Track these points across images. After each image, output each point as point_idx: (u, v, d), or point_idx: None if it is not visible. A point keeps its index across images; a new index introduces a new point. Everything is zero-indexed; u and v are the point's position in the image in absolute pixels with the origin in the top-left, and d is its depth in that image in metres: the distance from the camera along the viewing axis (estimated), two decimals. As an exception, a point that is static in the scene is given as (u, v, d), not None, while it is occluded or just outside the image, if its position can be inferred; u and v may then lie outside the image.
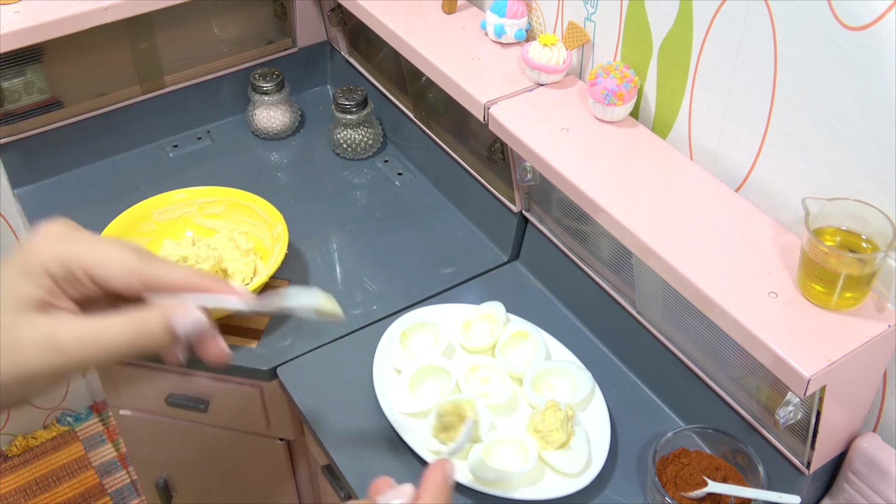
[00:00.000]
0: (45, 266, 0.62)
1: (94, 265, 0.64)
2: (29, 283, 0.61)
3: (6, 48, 1.09)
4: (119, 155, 1.31)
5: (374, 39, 1.27)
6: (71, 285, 0.63)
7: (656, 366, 0.95)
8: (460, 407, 0.82)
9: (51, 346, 0.60)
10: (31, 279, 0.62)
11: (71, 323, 0.61)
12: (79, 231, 0.65)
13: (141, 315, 0.63)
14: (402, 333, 0.97)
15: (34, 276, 0.62)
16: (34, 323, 0.61)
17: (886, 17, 0.66)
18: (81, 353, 0.61)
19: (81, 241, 0.64)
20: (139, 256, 0.65)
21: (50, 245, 0.63)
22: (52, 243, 0.63)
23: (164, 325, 0.63)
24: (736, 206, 0.84)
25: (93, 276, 0.64)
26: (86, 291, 0.64)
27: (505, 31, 1.04)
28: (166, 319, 0.63)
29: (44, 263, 0.62)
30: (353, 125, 1.28)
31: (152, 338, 0.63)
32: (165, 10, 1.20)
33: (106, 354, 0.62)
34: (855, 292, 0.73)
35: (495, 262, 1.13)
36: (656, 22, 0.89)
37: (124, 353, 0.63)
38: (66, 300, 0.63)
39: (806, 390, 0.69)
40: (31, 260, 0.62)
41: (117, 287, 0.65)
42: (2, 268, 0.63)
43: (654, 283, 0.89)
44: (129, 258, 0.65)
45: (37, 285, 0.62)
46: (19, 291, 0.61)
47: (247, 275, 1.07)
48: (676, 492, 0.82)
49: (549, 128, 0.94)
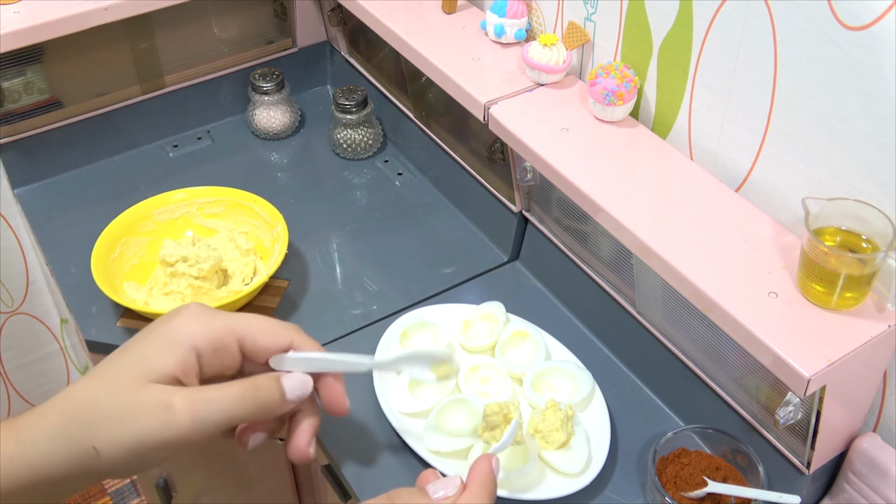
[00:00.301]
0: (194, 340, 0.64)
1: (245, 329, 0.66)
2: (166, 356, 0.63)
3: (6, 48, 1.09)
4: (119, 155, 1.31)
5: (374, 39, 1.27)
6: (217, 356, 0.65)
7: (656, 366, 0.95)
8: (506, 407, 0.83)
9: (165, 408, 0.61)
10: (171, 351, 0.63)
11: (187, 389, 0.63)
12: (218, 310, 0.67)
13: (254, 378, 0.66)
14: (402, 333, 0.97)
15: (176, 346, 0.63)
16: (153, 389, 0.62)
17: (886, 17, 0.66)
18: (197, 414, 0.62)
19: (229, 315, 0.67)
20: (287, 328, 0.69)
21: (197, 320, 0.65)
22: (200, 319, 0.65)
23: (277, 386, 0.66)
24: (736, 206, 0.84)
25: (244, 340, 0.66)
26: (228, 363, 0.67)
27: (505, 31, 1.04)
28: (278, 381, 0.66)
29: (192, 337, 0.64)
30: (353, 125, 1.28)
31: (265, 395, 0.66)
32: (165, 10, 1.20)
33: (220, 416, 0.63)
34: (855, 292, 0.73)
35: (495, 262, 1.13)
36: (656, 22, 0.89)
37: (238, 414, 0.64)
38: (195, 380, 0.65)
39: (806, 390, 0.69)
40: (176, 333, 0.64)
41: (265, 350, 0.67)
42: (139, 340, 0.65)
43: (654, 283, 0.89)
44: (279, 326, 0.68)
45: (173, 358, 0.63)
46: (153, 363, 0.63)
47: (247, 275, 1.07)
48: (676, 492, 0.82)
49: (549, 128, 0.94)
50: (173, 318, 0.65)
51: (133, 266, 1.08)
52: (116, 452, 0.60)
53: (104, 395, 0.61)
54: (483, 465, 0.66)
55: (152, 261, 1.08)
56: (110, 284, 1.01)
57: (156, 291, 1.04)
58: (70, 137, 1.26)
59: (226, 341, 0.65)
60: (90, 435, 0.60)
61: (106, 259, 1.04)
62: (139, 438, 0.60)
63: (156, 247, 1.08)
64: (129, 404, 0.61)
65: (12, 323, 1.50)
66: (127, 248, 1.08)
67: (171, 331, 0.64)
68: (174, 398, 0.61)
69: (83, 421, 0.60)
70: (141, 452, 0.61)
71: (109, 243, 1.06)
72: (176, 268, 1.02)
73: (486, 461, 0.67)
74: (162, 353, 0.63)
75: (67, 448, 0.60)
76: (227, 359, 0.66)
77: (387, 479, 0.86)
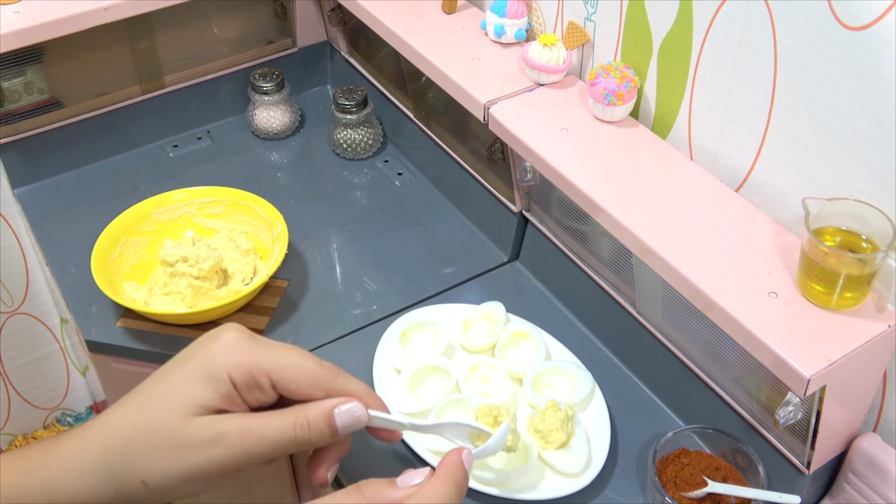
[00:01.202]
0: (230, 373, 0.63)
1: (280, 372, 0.65)
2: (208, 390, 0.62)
3: (6, 48, 1.09)
4: (119, 155, 1.31)
5: (374, 39, 1.27)
6: (251, 393, 0.64)
7: (656, 366, 0.95)
8: (496, 409, 0.81)
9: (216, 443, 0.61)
10: (212, 386, 0.62)
11: (236, 419, 0.62)
12: (255, 338, 0.66)
13: (305, 409, 0.64)
14: (402, 333, 0.97)
15: (216, 382, 0.63)
16: (202, 423, 0.61)
17: (886, 17, 0.66)
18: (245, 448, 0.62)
19: (264, 349, 0.65)
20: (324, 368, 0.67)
21: (233, 353, 0.64)
22: (235, 351, 0.64)
23: (327, 419, 0.65)
24: (736, 206, 0.84)
25: (276, 383, 0.65)
26: (262, 399, 0.65)
27: (505, 31, 1.04)
28: (329, 413, 0.65)
29: (229, 371, 0.63)
30: (353, 125, 1.28)
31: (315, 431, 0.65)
32: (165, 10, 1.20)
33: (270, 447, 0.63)
34: (855, 292, 0.73)
35: (495, 262, 1.13)
36: (656, 22, 0.89)
37: (287, 446, 0.64)
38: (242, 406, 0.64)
39: (806, 390, 0.69)
40: (214, 367, 0.63)
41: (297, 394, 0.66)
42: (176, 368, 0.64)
43: (654, 283, 0.89)
44: (314, 368, 0.66)
45: (215, 392, 0.62)
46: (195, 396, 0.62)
47: (247, 275, 1.07)
48: (676, 492, 0.82)
49: (549, 128, 0.94)
50: (210, 347, 0.64)
51: (133, 266, 1.08)
52: (165, 484, 0.61)
53: (149, 429, 0.61)
54: (452, 455, 0.65)
55: (152, 261, 1.08)
56: (110, 284, 1.01)
57: (156, 291, 1.04)
58: (70, 137, 1.26)
59: (259, 381, 0.64)
60: (138, 469, 0.60)
61: (106, 259, 1.04)
62: (189, 472, 0.60)
63: (156, 247, 1.08)
64: (178, 438, 0.60)
65: (12, 323, 1.50)
66: (127, 248, 1.08)
67: (208, 362, 0.63)
68: (224, 432, 0.61)
69: (130, 454, 0.60)
70: (190, 484, 0.61)
71: (109, 243, 1.06)
72: (176, 268, 1.02)
73: (455, 452, 0.66)
74: (204, 388, 0.62)
75: (113, 479, 0.60)
76: (262, 396, 0.65)
77: (387, 479, 0.86)
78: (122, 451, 0.61)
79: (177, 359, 0.65)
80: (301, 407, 0.65)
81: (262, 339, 0.66)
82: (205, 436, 0.61)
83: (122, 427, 0.62)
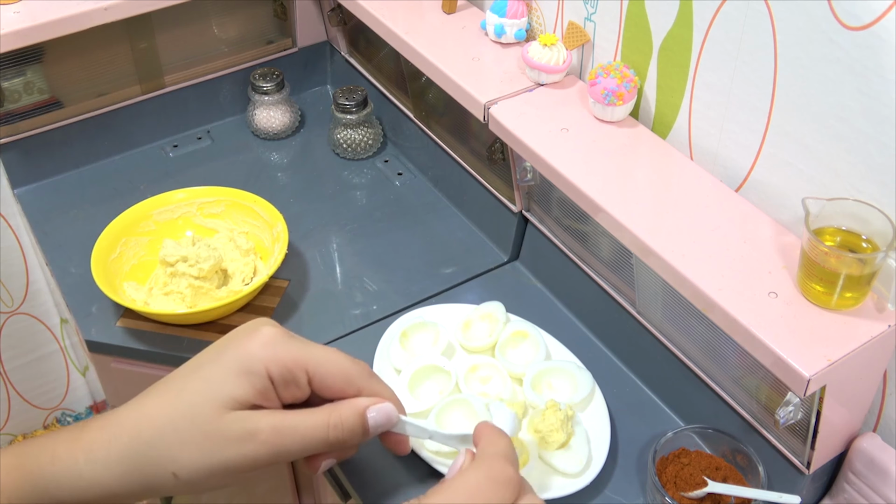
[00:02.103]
0: (268, 368, 0.63)
1: (317, 367, 0.65)
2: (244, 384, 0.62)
3: (6, 48, 1.09)
4: (119, 155, 1.31)
5: (374, 39, 1.27)
6: (287, 388, 0.65)
7: (656, 366, 0.95)
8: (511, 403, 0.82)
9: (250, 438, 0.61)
10: (249, 380, 0.63)
11: (270, 416, 0.63)
12: (291, 335, 0.66)
13: (338, 408, 0.65)
14: (402, 333, 0.97)
15: (253, 377, 0.63)
16: (235, 418, 0.61)
17: (886, 17, 0.66)
18: (278, 445, 0.62)
19: (301, 345, 0.66)
20: (358, 365, 0.68)
21: (271, 348, 0.64)
22: (273, 346, 0.64)
23: (361, 418, 0.66)
24: (736, 206, 0.84)
25: (313, 378, 0.65)
26: (297, 395, 0.66)
27: (505, 31, 1.04)
28: (362, 412, 0.66)
29: (267, 365, 0.63)
30: (353, 125, 1.28)
31: (348, 430, 0.65)
32: (165, 10, 1.20)
33: (302, 445, 0.63)
34: (855, 292, 0.73)
35: (495, 262, 1.13)
36: (656, 22, 0.89)
37: (320, 444, 0.64)
38: (276, 402, 0.65)
39: (806, 390, 0.69)
40: (251, 361, 0.63)
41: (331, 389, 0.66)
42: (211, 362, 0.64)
43: (654, 283, 0.89)
44: (350, 366, 0.67)
45: (252, 387, 0.63)
46: (231, 391, 0.62)
47: (247, 275, 1.07)
48: (676, 492, 0.82)
49: (549, 128, 0.94)
50: (247, 341, 0.64)
51: (133, 266, 1.08)
52: (195, 477, 0.61)
53: (180, 420, 0.61)
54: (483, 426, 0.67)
55: (152, 261, 1.08)
56: (110, 284, 1.01)
57: (156, 291, 1.04)
58: (70, 137, 1.26)
59: (296, 375, 0.64)
60: (167, 461, 0.60)
61: (106, 259, 1.04)
62: (221, 466, 0.61)
63: (156, 247, 1.08)
64: (211, 433, 0.61)
65: (12, 323, 1.50)
66: (127, 248, 1.08)
67: (245, 357, 0.63)
68: (258, 428, 0.61)
69: (161, 446, 0.60)
70: (220, 478, 0.61)
71: (109, 243, 1.06)
72: (176, 268, 1.02)
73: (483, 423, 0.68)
74: (239, 381, 0.62)
75: (142, 470, 0.61)
76: (297, 392, 0.65)
77: (387, 479, 0.86)
78: (152, 442, 0.61)
79: (210, 352, 0.65)
80: (334, 406, 0.65)
81: (298, 337, 0.67)
82: (238, 431, 0.61)
83: (153, 418, 0.62)
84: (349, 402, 0.66)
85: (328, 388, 0.66)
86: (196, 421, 0.61)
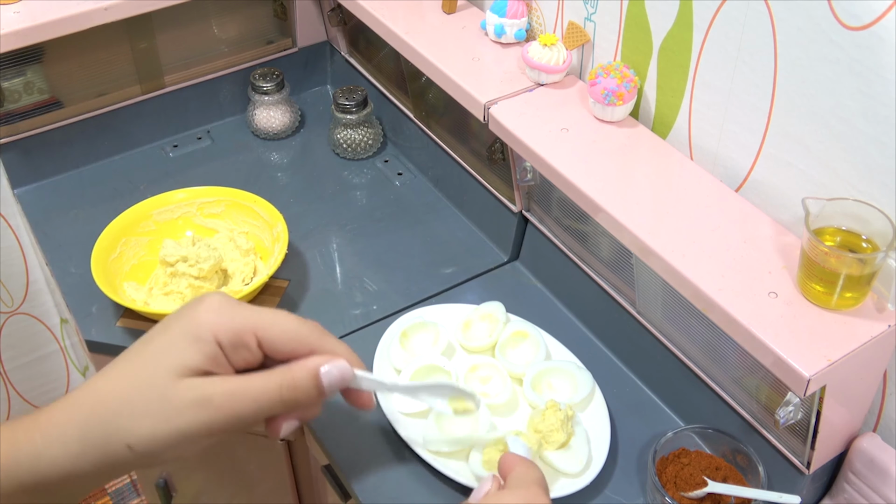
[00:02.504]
0: (216, 334, 0.63)
1: (266, 329, 0.65)
2: (193, 351, 0.62)
3: (6, 48, 1.09)
4: (119, 155, 1.31)
5: (374, 39, 1.27)
6: (237, 352, 0.64)
7: (656, 366, 0.95)
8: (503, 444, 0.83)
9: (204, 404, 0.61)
10: (198, 347, 0.62)
11: (223, 381, 0.62)
12: (238, 301, 0.66)
13: (291, 369, 0.64)
14: (402, 333, 0.97)
15: (202, 343, 0.62)
16: (189, 385, 0.61)
17: (886, 17, 0.66)
18: (233, 409, 0.61)
19: (248, 309, 0.65)
20: (308, 325, 0.67)
21: (217, 314, 0.64)
22: (220, 312, 0.64)
23: (314, 377, 0.65)
24: (736, 206, 0.84)
25: (263, 340, 0.65)
26: (248, 358, 0.65)
27: (505, 31, 1.04)
28: (315, 371, 0.65)
29: (214, 331, 0.63)
30: (353, 125, 1.28)
31: (301, 390, 0.65)
32: (165, 10, 1.20)
33: (256, 409, 0.63)
34: (855, 292, 0.73)
35: (495, 262, 1.13)
36: (656, 22, 0.89)
37: (274, 406, 0.64)
38: (227, 368, 0.64)
39: (806, 390, 0.69)
40: (199, 328, 0.63)
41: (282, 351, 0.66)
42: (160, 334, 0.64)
43: (654, 283, 0.89)
44: (299, 326, 0.66)
45: (201, 353, 0.62)
46: (181, 358, 0.62)
47: (247, 275, 1.07)
48: (676, 492, 0.82)
49: (549, 128, 0.94)
50: (194, 310, 0.64)
51: (133, 266, 1.08)
52: (151, 447, 0.60)
53: (134, 392, 0.60)
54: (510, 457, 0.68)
55: (152, 261, 1.08)
56: (110, 284, 1.01)
57: (156, 291, 1.04)
58: (70, 137, 1.26)
59: (245, 339, 0.64)
60: (123, 433, 0.60)
61: (106, 259, 1.04)
62: (177, 434, 0.60)
63: (156, 247, 1.08)
64: (163, 401, 0.60)
65: (12, 323, 1.50)
66: (127, 248, 1.08)
67: (194, 324, 0.63)
68: (212, 394, 0.61)
69: (114, 419, 0.60)
70: (177, 447, 0.61)
71: (109, 243, 1.06)
72: (176, 268, 1.02)
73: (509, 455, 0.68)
74: (189, 349, 0.62)
75: (98, 447, 0.60)
76: (248, 355, 0.65)
77: (387, 479, 0.86)
78: (105, 417, 0.60)
79: (159, 326, 0.65)
80: (287, 367, 0.65)
81: (246, 304, 0.66)
82: (192, 398, 0.60)
83: (106, 393, 0.61)
84: (301, 363, 0.65)
85: (279, 351, 0.66)
86: (148, 392, 0.60)
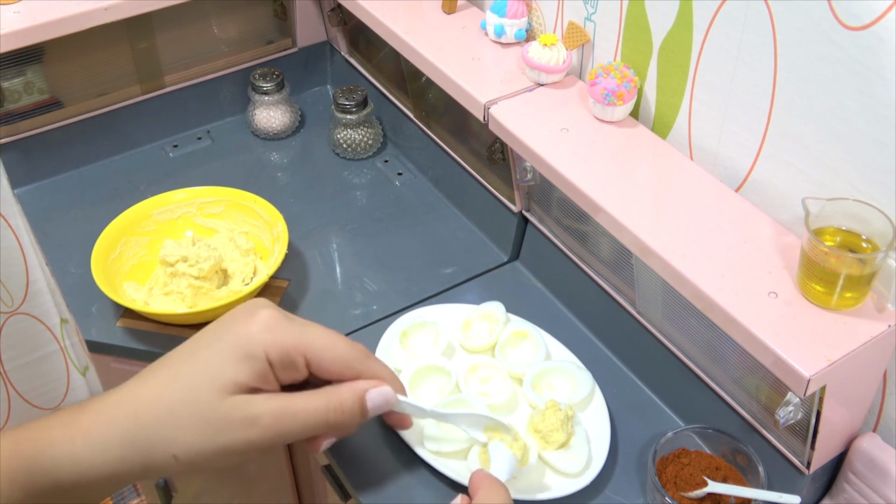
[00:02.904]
0: (267, 352, 0.63)
1: (317, 353, 0.66)
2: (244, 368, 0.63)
3: (6, 48, 1.09)
4: (119, 155, 1.31)
5: (374, 39, 1.27)
6: (285, 371, 0.65)
7: (656, 366, 0.95)
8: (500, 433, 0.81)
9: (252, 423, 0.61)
10: (249, 364, 0.63)
11: (270, 400, 0.63)
12: (290, 317, 0.66)
13: (338, 391, 0.65)
14: (402, 333, 0.97)
15: (253, 361, 0.63)
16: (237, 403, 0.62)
17: (886, 17, 0.66)
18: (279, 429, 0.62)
19: (299, 328, 0.66)
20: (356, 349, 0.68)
21: (270, 332, 0.64)
22: (272, 330, 0.64)
23: (360, 401, 0.66)
24: (736, 206, 0.84)
25: (311, 361, 0.66)
26: (295, 377, 0.66)
27: (505, 31, 1.04)
28: (361, 396, 0.66)
29: (266, 349, 0.63)
30: (353, 125, 1.28)
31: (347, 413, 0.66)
32: (165, 10, 1.20)
33: (301, 428, 0.64)
34: (855, 292, 0.73)
35: (495, 262, 1.13)
36: (656, 22, 0.89)
37: (319, 427, 0.65)
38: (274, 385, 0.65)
39: (806, 390, 0.69)
40: (250, 344, 0.63)
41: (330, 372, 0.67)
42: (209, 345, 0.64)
43: (654, 283, 0.89)
44: (348, 350, 0.67)
45: (252, 371, 0.63)
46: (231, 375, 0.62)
47: (247, 275, 1.07)
48: (676, 492, 0.82)
49: (549, 128, 0.94)
50: (246, 325, 0.64)
51: (133, 266, 1.08)
52: (196, 459, 0.61)
53: (180, 406, 0.61)
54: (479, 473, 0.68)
55: (152, 261, 1.08)
56: (110, 284, 1.01)
57: (156, 291, 1.04)
58: (70, 137, 1.26)
59: (295, 360, 0.64)
60: (168, 442, 0.60)
61: (106, 259, 1.04)
62: (222, 449, 0.61)
63: (156, 247, 1.08)
64: (212, 417, 0.61)
65: (12, 323, 1.50)
66: (127, 248, 1.08)
67: (244, 341, 0.63)
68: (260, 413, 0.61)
69: (160, 429, 0.61)
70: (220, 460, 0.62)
71: (109, 243, 1.06)
72: (176, 268, 1.02)
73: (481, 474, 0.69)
74: (238, 366, 0.62)
75: (141, 453, 0.61)
76: (296, 374, 0.65)
77: (387, 479, 0.86)
78: (151, 426, 0.61)
79: (208, 335, 0.65)
80: (333, 389, 0.65)
81: (296, 318, 0.67)
82: (240, 416, 0.61)
83: (151, 402, 0.61)
84: (349, 386, 0.66)
85: (326, 372, 0.66)
86: (196, 405, 0.61)
